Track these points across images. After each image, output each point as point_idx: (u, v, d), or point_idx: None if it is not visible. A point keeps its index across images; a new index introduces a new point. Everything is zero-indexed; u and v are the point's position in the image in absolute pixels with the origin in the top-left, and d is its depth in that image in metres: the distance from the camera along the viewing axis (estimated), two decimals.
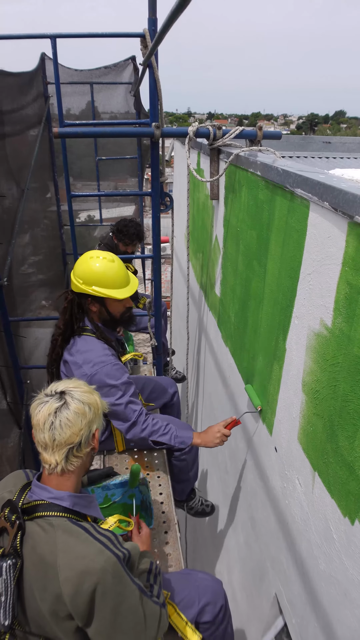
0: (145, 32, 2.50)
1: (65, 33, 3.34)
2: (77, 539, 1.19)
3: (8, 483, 1.40)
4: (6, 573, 1.17)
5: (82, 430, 1.27)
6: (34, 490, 1.31)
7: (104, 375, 2.03)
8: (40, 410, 1.26)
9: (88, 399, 1.31)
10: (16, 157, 3.52)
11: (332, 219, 1.29)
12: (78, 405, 1.27)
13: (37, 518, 1.24)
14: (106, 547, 1.19)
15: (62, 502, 1.27)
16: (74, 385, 1.34)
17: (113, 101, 5.40)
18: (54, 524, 1.22)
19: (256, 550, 2.25)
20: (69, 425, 1.25)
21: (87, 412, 1.28)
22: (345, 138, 5.02)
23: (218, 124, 2.39)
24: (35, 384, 3.80)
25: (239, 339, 2.44)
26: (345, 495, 1.28)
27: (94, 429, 1.32)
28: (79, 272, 2.07)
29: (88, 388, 1.35)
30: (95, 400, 1.34)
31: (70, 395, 1.29)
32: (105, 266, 2.05)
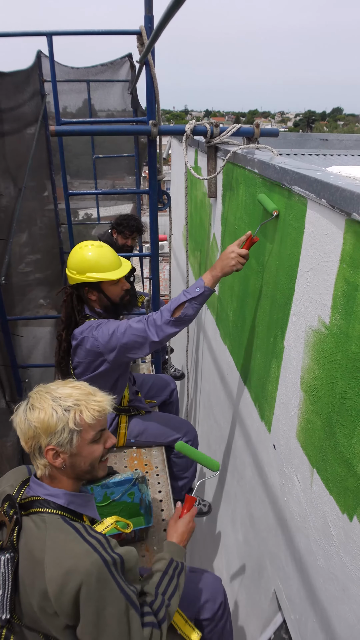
0: (141, 30, 2.50)
1: (61, 30, 3.32)
2: (66, 537, 1.19)
3: (10, 478, 1.41)
4: (4, 567, 1.18)
5: (27, 442, 1.25)
6: (31, 486, 1.31)
7: (104, 329, 2.06)
8: None
9: (30, 413, 1.23)
10: (13, 155, 3.51)
11: (329, 216, 1.29)
12: (20, 417, 1.24)
13: (32, 514, 1.24)
14: (94, 549, 1.16)
15: (57, 500, 1.27)
16: (42, 388, 1.29)
17: (110, 99, 5.39)
18: (46, 520, 1.22)
19: (255, 547, 2.25)
20: (19, 431, 1.25)
21: (26, 429, 1.23)
22: (343, 135, 5.02)
23: (215, 122, 2.38)
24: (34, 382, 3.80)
25: (237, 337, 2.45)
26: (343, 491, 1.28)
27: (44, 445, 1.23)
28: (71, 264, 2.14)
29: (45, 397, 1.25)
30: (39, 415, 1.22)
31: (27, 401, 1.27)
32: (94, 252, 2.12)
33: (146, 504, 2.19)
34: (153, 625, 1.26)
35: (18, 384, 3.28)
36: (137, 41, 2.60)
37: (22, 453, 3.15)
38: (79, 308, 2.19)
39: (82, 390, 1.30)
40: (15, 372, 3.21)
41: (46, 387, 1.29)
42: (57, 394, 1.26)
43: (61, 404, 1.24)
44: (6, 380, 3.18)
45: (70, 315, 2.19)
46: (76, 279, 2.13)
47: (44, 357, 4.24)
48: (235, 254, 1.83)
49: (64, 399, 1.25)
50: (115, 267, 2.16)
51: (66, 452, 1.25)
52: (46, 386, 1.31)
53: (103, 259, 2.12)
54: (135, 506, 2.25)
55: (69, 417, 1.23)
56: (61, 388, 1.29)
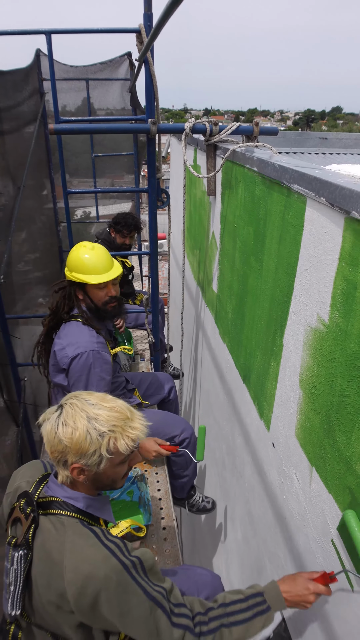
0: (140, 28, 2.49)
1: (60, 29, 3.32)
2: (85, 541, 1.18)
3: (26, 473, 1.41)
4: (17, 563, 1.19)
5: (53, 453, 1.22)
6: (50, 485, 1.30)
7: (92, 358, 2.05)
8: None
9: (62, 429, 1.19)
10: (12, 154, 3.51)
11: (328, 214, 1.29)
12: (49, 430, 1.21)
13: (50, 514, 1.24)
14: (113, 554, 1.15)
15: (76, 503, 1.26)
16: (76, 402, 1.24)
17: (109, 97, 5.38)
18: (65, 523, 1.22)
19: (254, 545, 2.25)
20: (45, 440, 1.23)
21: (56, 443, 1.20)
22: (342, 134, 5.01)
23: (214, 120, 2.38)
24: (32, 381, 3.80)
25: (236, 335, 2.45)
26: (342, 490, 1.28)
27: (70, 461, 1.21)
28: (68, 261, 2.20)
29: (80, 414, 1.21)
30: (72, 435, 1.18)
31: (59, 413, 1.23)
32: (84, 253, 2.16)
33: (145, 502, 2.19)
34: (187, 629, 1.22)
35: (17, 383, 3.28)
36: (136, 39, 2.60)
37: (22, 452, 3.15)
38: (68, 302, 2.22)
39: (120, 414, 1.24)
40: (14, 370, 3.21)
41: (82, 402, 1.24)
42: (93, 414, 1.21)
43: (97, 428, 1.19)
44: (4, 379, 3.18)
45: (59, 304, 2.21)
46: (67, 275, 2.20)
47: None
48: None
49: (100, 422, 1.20)
50: (101, 271, 2.17)
51: (92, 472, 1.23)
52: (81, 399, 1.25)
53: (90, 261, 2.15)
54: (134, 504, 2.25)
55: (103, 442, 1.20)
56: (98, 407, 1.23)
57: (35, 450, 3.60)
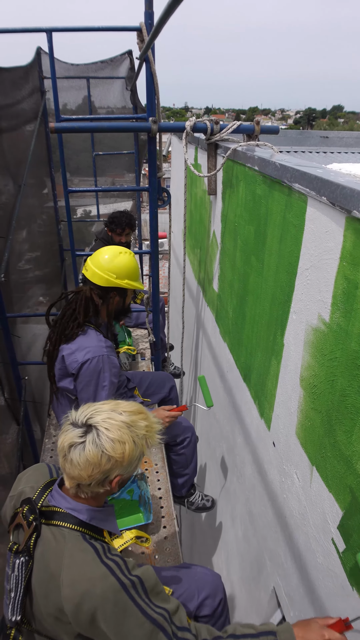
0: (141, 26, 2.49)
1: (60, 27, 3.31)
2: (84, 557, 1.15)
3: (30, 478, 1.38)
4: (18, 570, 1.18)
5: (92, 476, 1.17)
6: (54, 495, 1.27)
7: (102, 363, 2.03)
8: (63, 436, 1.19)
9: (111, 447, 1.15)
10: (12, 152, 3.50)
11: (329, 213, 1.28)
12: (95, 453, 1.14)
13: (52, 525, 1.22)
14: (112, 572, 1.12)
15: (79, 515, 1.24)
16: (107, 417, 1.19)
17: (110, 96, 5.37)
18: (66, 536, 1.19)
19: (254, 544, 2.26)
20: (79, 467, 1.16)
21: (103, 463, 1.15)
22: (343, 133, 5.01)
23: (215, 119, 2.38)
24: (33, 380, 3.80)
25: (237, 335, 2.44)
26: (343, 489, 1.28)
27: (113, 476, 1.20)
28: (112, 267, 2.11)
29: (120, 426, 1.18)
30: (123, 449, 1.16)
31: (95, 434, 1.16)
32: (133, 260, 2.19)
33: (145, 501, 2.19)
34: None
35: (17, 382, 3.28)
36: (137, 37, 2.59)
37: (22, 451, 3.15)
38: (93, 307, 2.15)
39: (143, 413, 1.27)
40: (15, 369, 3.21)
41: (110, 415, 1.20)
42: (129, 421, 1.20)
43: (137, 433, 1.20)
44: (5, 377, 3.18)
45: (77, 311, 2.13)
46: (115, 282, 2.12)
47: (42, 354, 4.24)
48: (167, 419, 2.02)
49: (137, 427, 1.21)
50: (139, 275, 2.26)
51: (124, 477, 1.24)
52: (103, 412, 1.21)
53: (137, 268, 2.20)
54: (135, 503, 2.25)
55: (143, 444, 1.22)
56: (126, 414, 1.22)
57: (35, 449, 3.61)
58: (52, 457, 2.79)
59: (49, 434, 2.98)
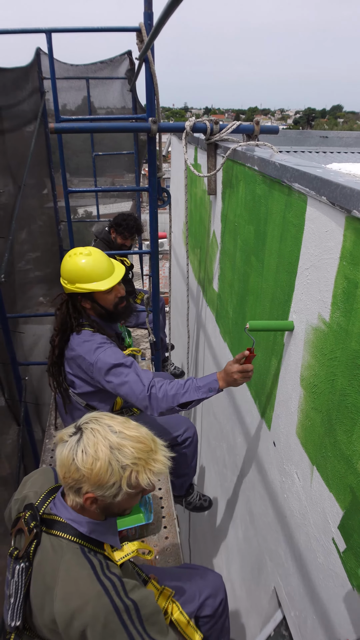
0: (141, 27, 2.49)
1: (60, 27, 3.32)
2: (79, 573, 1.12)
3: (36, 482, 1.36)
4: (18, 576, 1.16)
5: (65, 479, 1.14)
6: (56, 503, 1.24)
7: (105, 357, 1.97)
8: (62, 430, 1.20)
9: (81, 458, 1.11)
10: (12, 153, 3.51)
11: (329, 213, 1.28)
12: (67, 456, 1.12)
13: (52, 534, 1.19)
14: (106, 592, 1.07)
15: (79, 527, 1.20)
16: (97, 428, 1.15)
17: (109, 96, 5.38)
18: (64, 547, 1.17)
19: (255, 544, 2.26)
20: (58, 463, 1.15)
21: (72, 470, 1.12)
22: (342, 132, 5.01)
23: (215, 119, 2.38)
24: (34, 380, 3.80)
25: (238, 334, 2.45)
26: (343, 488, 1.28)
27: (84, 490, 1.13)
28: (63, 272, 2.08)
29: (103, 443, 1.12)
30: (93, 465, 1.10)
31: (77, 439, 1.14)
32: (82, 261, 2.04)
33: (146, 501, 2.20)
34: None
35: (18, 382, 3.28)
36: (137, 38, 2.59)
37: (23, 451, 3.16)
38: (75, 316, 2.11)
39: (145, 445, 1.16)
40: (15, 369, 3.21)
41: (104, 428, 1.15)
42: (116, 443, 1.13)
43: (119, 459, 1.11)
44: (6, 378, 3.18)
45: (65, 321, 2.11)
46: (67, 288, 2.08)
47: (44, 354, 4.25)
48: (238, 375, 1.80)
49: (123, 454, 1.12)
50: (107, 275, 2.09)
51: (105, 502, 1.16)
52: (103, 425, 1.16)
53: (93, 268, 2.04)
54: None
55: (124, 475, 1.12)
56: (122, 435, 1.15)
57: (36, 449, 3.61)
58: (52, 457, 2.79)
59: (50, 434, 2.98)
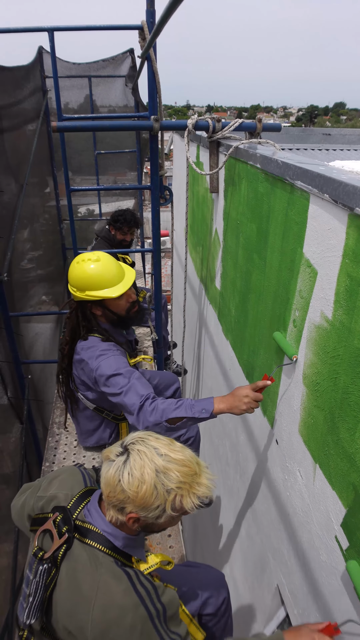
0: (143, 25, 2.48)
1: (62, 26, 3.31)
2: (118, 585, 1.15)
3: (65, 483, 1.36)
4: (40, 576, 1.17)
5: (109, 497, 1.17)
6: (91, 511, 1.25)
7: (105, 365, 1.95)
8: (110, 448, 1.22)
9: (127, 480, 1.13)
10: (14, 151, 3.51)
11: (332, 211, 1.28)
12: (113, 476, 1.15)
13: (86, 544, 1.20)
14: (142, 602, 1.13)
15: (114, 541, 1.22)
16: (144, 450, 1.17)
17: (111, 94, 5.38)
18: (100, 559, 1.19)
19: (257, 542, 2.26)
20: (103, 481, 1.17)
21: (117, 491, 1.14)
22: (345, 130, 4.99)
23: (217, 117, 2.37)
24: (36, 378, 3.81)
25: (240, 332, 2.44)
26: (346, 486, 1.28)
27: (128, 510, 1.16)
28: (71, 280, 2.04)
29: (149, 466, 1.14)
30: (139, 488, 1.12)
31: (123, 460, 1.16)
32: (91, 267, 1.99)
33: None
34: None
35: (20, 380, 3.29)
36: (139, 36, 2.59)
37: (26, 449, 3.16)
38: (84, 324, 2.08)
39: (190, 469, 1.18)
40: (18, 368, 3.22)
41: (150, 450, 1.17)
42: (162, 467, 1.15)
43: (164, 483, 1.14)
44: (9, 376, 3.19)
45: (75, 330, 2.08)
46: (77, 296, 2.03)
47: (44, 353, 4.26)
48: (248, 399, 1.69)
49: (169, 478, 1.14)
50: (117, 281, 2.03)
51: (148, 522, 1.19)
52: (149, 447, 1.18)
53: (103, 274, 1.99)
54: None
55: (169, 499, 1.15)
56: (168, 458, 1.17)
57: (39, 447, 3.62)
58: (55, 455, 2.80)
59: (52, 432, 2.99)
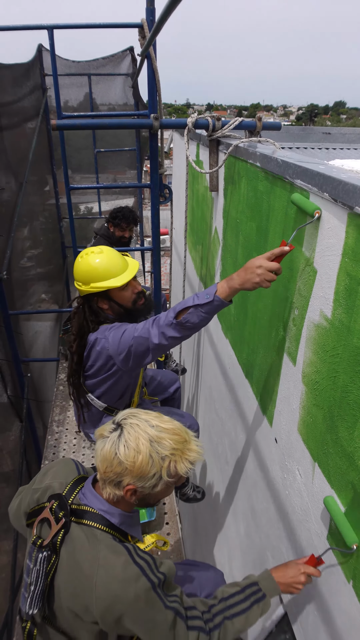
0: (143, 23, 2.48)
1: (62, 24, 3.31)
2: (118, 559, 1.18)
3: (59, 473, 1.39)
4: (40, 564, 1.19)
5: (106, 473, 1.20)
6: (86, 494, 1.28)
7: (115, 331, 1.95)
8: (102, 426, 1.26)
9: (124, 452, 1.17)
10: (14, 150, 3.51)
11: (331, 209, 1.28)
12: (109, 451, 1.19)
13: (83, 524, 1.23)
14: (143, 573, 1.17)
15: (111, 518, 1.26)
16: (136, 423, 1.22)
17: (111, 92, 5.37)
18: (98, 537, 1.21)
19: (256, 540, 2.26)
20: (98, 458, 1.21)
21: (114, 464, 1.18)
22: (345, 129, 4.99)
23: (217, 115, 2.37)
24: (35, 377, 3.81)
25: (239, 331, 2.45)
26: (345, 485, 1.28)
27: (125, 483, 1.20)
28: (76, 274, 2.05)
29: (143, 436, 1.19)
30: (135, 458, 1.17)
31: (118, 434, 1.20)
32: (94, 259, 2.01)
33: None
34: (200, 630, 1.26)
35: (20, 379, 3.29)
36: (139, 34, 2.59)
37: (25, 447, 3.17)
38: (92, 318, 2.07)
39: (179, 436, 1.24)
40: (18, 366, 3.22)
41: (142, 423, 1.22)
42: (155, 436, 1.20)
43: (159, 451, 1.19)
44: (8, 374, 3.19)
45: (82, 326, 2.07)
46: (82, 290, 2.04)
47: (44, 351, 4.26)
48: (262, 269, 1.47)
49: (162, 445, 1.20)
50: (121, 271, 2.04)
51: (144, 493, 1.23)
52: (141, 420, 1.23)
53: (107, 265, 2.00)
54: None
55: (164, 466, 1.20)
56: (159, 429, 1.22)
57: (38, 445, 3.62)
58: (54, 453, 2.80)
59: (52, 430, 2.99)
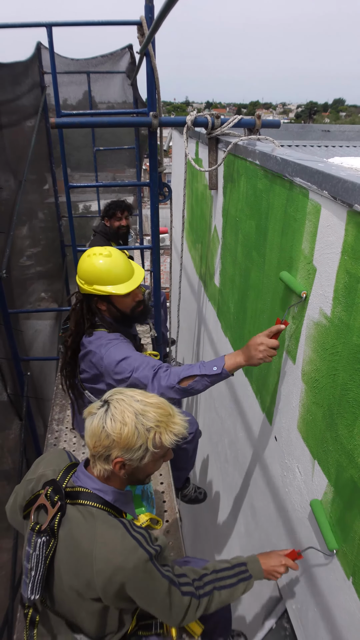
0: (142, 20, 2.48)
1: (61, 21, 3.30)
2: (115, 533, 1.23)
3: (51, 461, 1.44)
4: (39, 549, 1.23)
5: (95, 447, 1.25)
6: (79, 476, 1.33)
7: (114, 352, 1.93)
8: (90, 405, 1.31)
9: (110, 425, 1.22)
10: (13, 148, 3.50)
11: (331, 207, 1.28)
12: (97, 425, 1.24)
13: (78, 504, 1.27)
14: (140, 545, 1.22)
15: (105, 495, 1.30)
16: (121, 399, 1.27)
17: (110, 91, 5.36)
18: (94, 514, 1.26)
19: (256, 537, 2.27)
20: (88, 434, 1.26)
21: (102, 437, 1.23)
22: (345, 126, 4.99)
23: (216, 113, 2.37)
24: (35, 375, 3.81)
25: (239, 330, 2.45)
26: (344, 482, 1.29)
27: (113, 456, 1.24)
28: (80, 272, 2.04)
29: (128, 409, 1.24)
30: (122, 430, 1.22)
31: (105, 409, 1.25)
32: (100, 262, 1.99)
33: (148, 496, 2.20)
34: (192, 595, 1.35)
35: (20, 377, 3.29)
36: (138, 32, 2.58)
37: (25, 445, 3.17)
38: (89, 317, 2.08)
39: (163, 410, 1.29)
40: (17, 365, 3.22)
41: (128, 398, 1.28)
42: (140, 409, 1.25)
43: (144, 423, 1.24)
44: (8, 373, 3.19)
45: (79, 322, 2.08)
46: (84, 289, 2.03)
47: (44, 350, 4.26)
48: (264, 347, 1.62)
49: (147, 418, 1.25)
50: (126, 278, 2.03)
51: (132, 466, 1.28)
52: (127, 395, 1.29)
53: (112, 270, 1.98)
54: (137, 497, 2.26)
55: (149, 437, 1.25)
56: (144, 403, 1.28)
57: (38, 444, 3.62)
58: None
59: (52, 429, 2.99)
